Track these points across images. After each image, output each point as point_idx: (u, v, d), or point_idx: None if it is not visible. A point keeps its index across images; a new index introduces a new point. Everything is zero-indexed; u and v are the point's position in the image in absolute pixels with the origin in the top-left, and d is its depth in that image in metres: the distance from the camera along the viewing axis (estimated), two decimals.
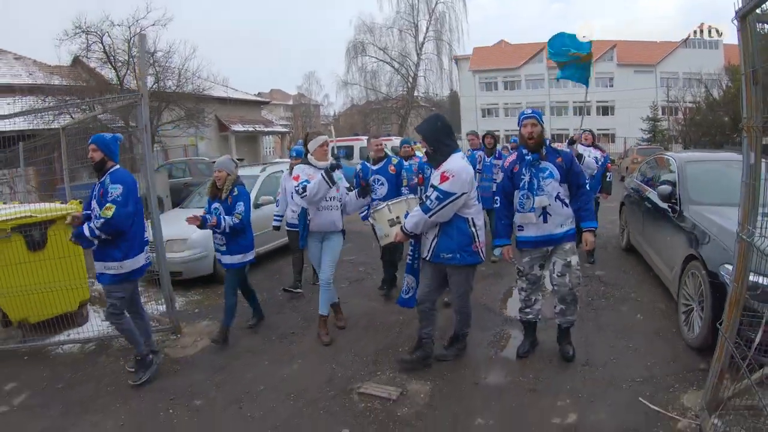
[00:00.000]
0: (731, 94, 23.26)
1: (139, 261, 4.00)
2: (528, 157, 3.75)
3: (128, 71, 17.49)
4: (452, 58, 40.39)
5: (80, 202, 5.35)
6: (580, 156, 5.98)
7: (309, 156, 4.57)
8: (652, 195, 5.62)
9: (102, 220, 3.74)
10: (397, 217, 4.14)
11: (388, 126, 38.72)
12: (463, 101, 45.07)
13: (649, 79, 39.07)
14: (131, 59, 17.32)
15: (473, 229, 3.69)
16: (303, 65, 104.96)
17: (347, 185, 4.72)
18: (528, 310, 3.99)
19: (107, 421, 3.46)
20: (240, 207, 4.49)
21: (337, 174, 4.38)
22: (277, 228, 6.36)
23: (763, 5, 2.16)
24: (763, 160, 2.30)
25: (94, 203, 3.94)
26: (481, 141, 7.27)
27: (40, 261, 4.87)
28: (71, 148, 7.08)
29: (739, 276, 2.47)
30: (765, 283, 2.76)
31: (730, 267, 3.07)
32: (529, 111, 3.87)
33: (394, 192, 5.48)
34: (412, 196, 4.63)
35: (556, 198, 3.71)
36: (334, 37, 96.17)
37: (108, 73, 17.83)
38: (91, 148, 3.97)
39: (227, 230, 4.46)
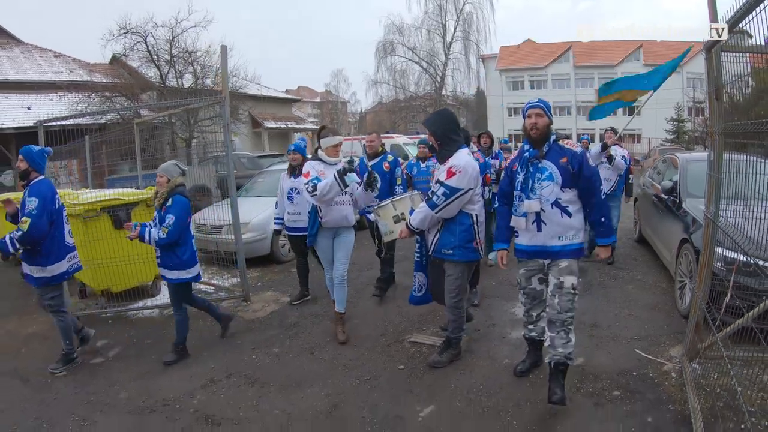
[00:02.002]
0: (754, 96, 23.31)
1: (62, 266, 4.20)
2: (526, 154, 3.34)
3: (170, 70, 18.58)
4: (479, 57, 41.05)
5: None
6: (611, 158, 6.34)
7: (320, 152, 4.49)
8: (657, 190, 6.34)
9: (20, 233, 3.95)
10: (402, 214, 4.14)
11: (415, 124, 39.47)
12: (489, 100, 45.48)
13: (676, 80, 39.03)
14: (173, 59, 18.41)
15: (476, 225, 3.70)
16: (330, 63, 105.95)
17: (358, 180, 4.45)
18: (531, 326, 3.66)
19: (199, 364, 4.25)
20: (169, 220, 4.10)
21: (350, 176, 4.18)
22: (278, 232, 6.07)
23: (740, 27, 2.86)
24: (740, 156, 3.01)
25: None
26: (477, 140, 6.98)
27: (123, 238, 5.69)
28: (121, 143, 7.97)
29: (706, 245, 3.25)
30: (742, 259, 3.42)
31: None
32: (536, 100, 3.38)
33: (387, 189, 5.37)
34: (416, 192, 4.52)
35: (553, 204, 3.23)
36: (363, 35, 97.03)
37: (149, 71, 18.92)
38: (19, 159, 4.17)
39: (152, 244, 4.20)
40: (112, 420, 3.51)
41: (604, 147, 6.19)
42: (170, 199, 4.18)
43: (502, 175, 3.78)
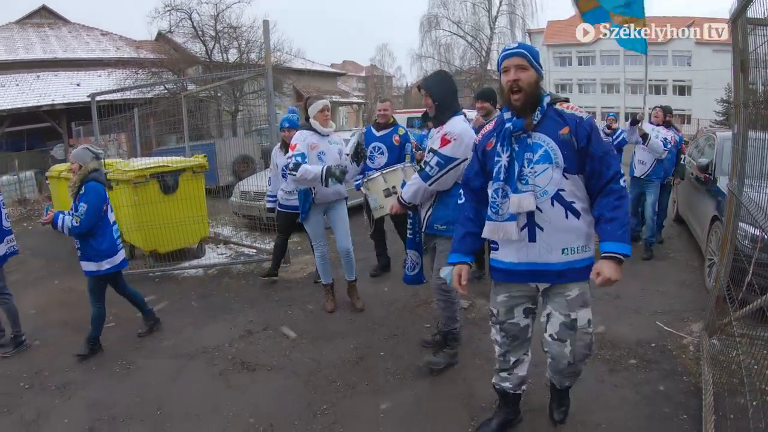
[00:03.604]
0: None
1: (1, 250, 4.17)
2: (508, 125, 2.29)
3: (215, 45, 19.01)
4: (526, 31, 40.00)
5: (205, 156, 6.65)
6: (645, 136, 5.53)
7: (312, 121, 4.24)
8: (695, 168, 6.23)
9: None
10: (393, 187, 3.85)
11: (460, 99, 38.97)
12: None
13: (728, 59, 37.13)
14: (218, 34, 18.83)
15: None
16: (375, 37, 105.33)
17: (347, 152, 4.30)
18: (504, 374, 2.62)
19: (239, 318, 4.62)
20: (81, 208, 3.82)
21: (333, 182, 4.02)
22: (271, 210, 5.64)
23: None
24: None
25: None
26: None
27: (170, 202, 6.11)
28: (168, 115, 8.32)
29: (728, 219, 3.27)
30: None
31: (742, 224, 3.69)
32: (514, 45, 2.33)
33: (395, 164, 4.88)
34: (408, 164, 4.22)
35: (553, 199, 2.24)
36: (408, 8, 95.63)
37: (195, 46, 19.38)
38: None
39: (65, 232, 3.89)
40: (155, 364, 3.88)
41: (634, 122, 5.59)
42: (83, 187, 3.87)
43: (470, 157, 2.79)
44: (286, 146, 5.09)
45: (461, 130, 3.17)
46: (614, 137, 6.46)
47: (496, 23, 38.54)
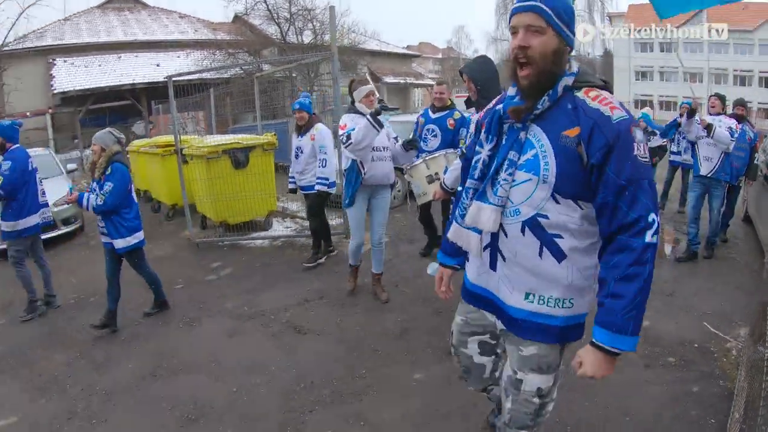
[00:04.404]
0: None
1: (31, 221, 4.77)
2: (499, 107, 1.72)
3: (290, 27, 19.54)
4: (605, 15, 38.31)
5: (274, 134, 7.04)
6: (709, 127, 5.00)
7: (358, 104, 4.20)
8: (763, 165, 5.95)
9: None
10: (436, 173, 3.84)
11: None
12: (616, 62, 41.86)
13: None
14: (292, 16, 19.33)
15: None
16: (453, 19, 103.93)
17: (395, 135, 4.32)
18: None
19: (297, 287, 4.98)
20: (107, 187, 4.06)
21: (385, 122, 3.93)
22: (293, 191, 5.93)
23: None
24: None
25: None
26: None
27: (241, 176, 6.54)
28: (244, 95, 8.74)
29: None
30: None
31: None
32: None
33: (447, 148, 4.78)
34: (451, 150, 4.19)
35: (526, 225, 1.61)
36: None
37: (270, 28, 19.98)
38: None
39: (90, 210, 4.18)
40: (215, 322, 4.36)
41: (692, 113, 5.02)
42: (109, 168, 4.12)
43: (468, 138, 2.52)
44: (299, 128, 5.45)
45: None
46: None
47: (573, 5, 37.04)
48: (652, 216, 1.48)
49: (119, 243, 4.18)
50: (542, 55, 1.53)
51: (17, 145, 4.84)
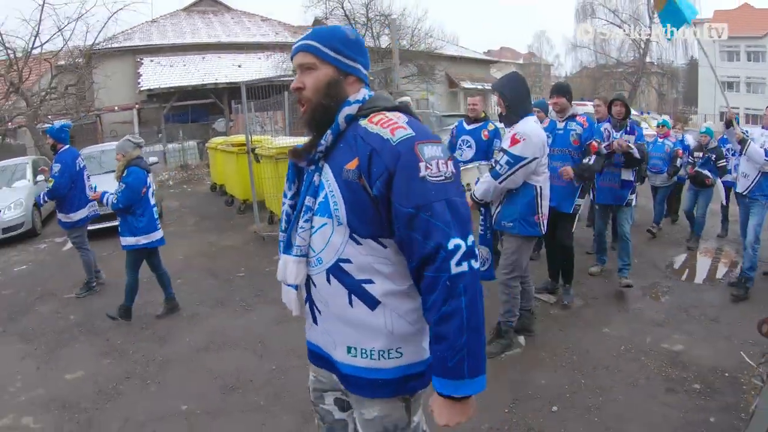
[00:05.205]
0: None
1: (81, 214, 5.41)
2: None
3: (366, 32, 20.09)
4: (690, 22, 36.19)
5: None
6: (744, 141, 4.62)
7: None
8: None
9: (47, 189, 5.34)
10: (468, 184, 3.97)
11: (619, 92, 36.50)
12: (701, 71, 39.18)
13: None
14: (369, 21, 19.89)
15: (539, 198, 3.47)
16: (534, 23, 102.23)
17: None
18: None
19: None
20: (121, 187, 4.46)
21: None
22: None
23: None
24: None
25: None
26: (608, 108, 5.26)
27: None
28: None
29: None
30: None
31: None
32: (306, 34, 1.54)
33: (482, 159, 5.08)
34: (484, 162, 4.35)
35: (330, 272, 1.46)
36: None
37: None
38: (46, 138, 5.54)
39: (109, 207, 4.61)
40: (269, 308, 4.80)
41: (728, 124, 4.72)
42: (126, 170, 4.50)
43: (539, 156, 3.35)
44: None
45: (531, 130, 3.32)
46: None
47: (655, 12, 35.30)
48: (454, 241, 1.29)
49: (128, 240, 4.53)
50: (315, 89, 1.46)
51: (67, 146, 5.45)
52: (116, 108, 17.96)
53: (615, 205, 5.12)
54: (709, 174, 6.36)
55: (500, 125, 4.29)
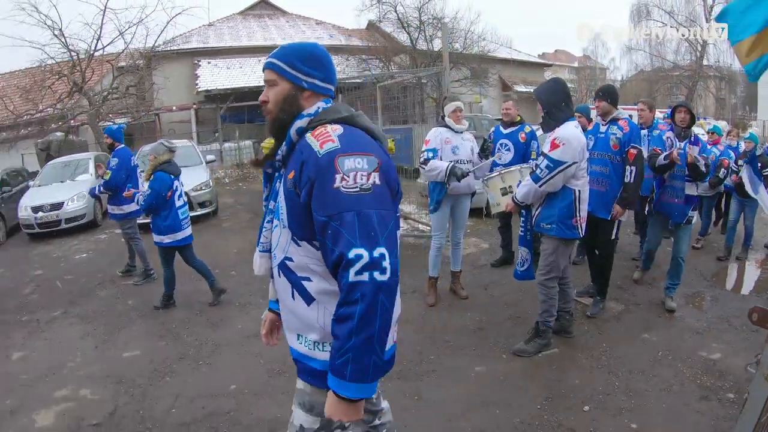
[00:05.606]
0: None
1: (133, 206, 5.69)
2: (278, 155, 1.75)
3: (419, 35, 20.26)
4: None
5: (393, 140, 7.62)
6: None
7: (447, 119, 4.61)
8: None
9: (103, 181, 5.73)
10: (510, 187, 4.07)
11: (676, 96, 35.25)
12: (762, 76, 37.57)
13: None
14: (422, 24, 20.05)
15: (577, 202, 3.53)
16: (590, 26, 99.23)
17: (477, 148, 4.69)
18: None
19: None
20: (147, 190, 4.81)
21: (453, 180, 4.37)
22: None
23: None
24: None
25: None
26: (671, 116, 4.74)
27: None
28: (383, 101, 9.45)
29: None
30: None
31: None
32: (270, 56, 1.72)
33: (520, 161, 5.16)
34: (525, 165, 4.45)
35: (280, 268, 1.67)
36: None
37: (401, 36, 20.79)
38: (105, 136, 6.06)
39: (138, 205, 5.08)
40: None
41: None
42: (153, 174, 4.83)
43: (579, 161, 3.46)
44: None
45: (570, 135, 3.39)
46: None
47: (712, 13, 33.72)
48: (355, 251, 1.36)
49: (156, 238, 4.94)
50: (275, 103, 1.63)
51: (122, 145, 5.96)
52: (174, 108, 18.77)
53: (674, 222, 4.71)
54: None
55: (536, 128, 4.36)
